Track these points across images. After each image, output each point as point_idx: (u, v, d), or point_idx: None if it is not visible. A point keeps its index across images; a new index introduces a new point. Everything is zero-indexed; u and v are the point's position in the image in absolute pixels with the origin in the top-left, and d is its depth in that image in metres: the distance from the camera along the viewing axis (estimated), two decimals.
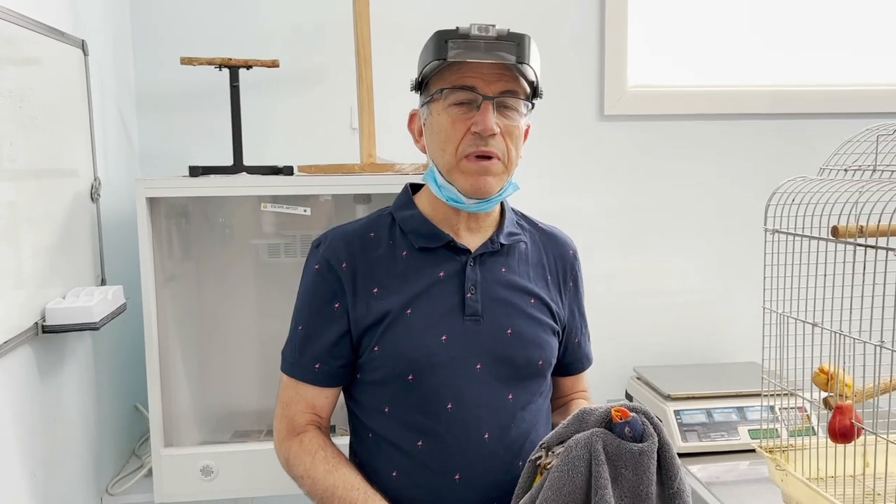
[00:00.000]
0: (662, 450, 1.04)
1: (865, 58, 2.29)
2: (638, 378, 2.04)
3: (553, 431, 1.10)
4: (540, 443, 1.11)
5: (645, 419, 1.04)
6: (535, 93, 1.20)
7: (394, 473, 1.19)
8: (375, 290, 1.19)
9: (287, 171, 1.73)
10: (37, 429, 1.40)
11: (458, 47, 1.12)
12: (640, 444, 1.02)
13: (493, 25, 1.12)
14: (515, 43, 1.12)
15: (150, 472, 1.71)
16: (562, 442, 1.06)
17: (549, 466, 1.05)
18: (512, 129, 1.16)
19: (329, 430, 1.28)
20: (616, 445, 1.01)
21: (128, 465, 1.85)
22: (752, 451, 1.39)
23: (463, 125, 1.14)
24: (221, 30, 2.02)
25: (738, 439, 1.75)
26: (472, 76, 1.14)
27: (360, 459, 1.25)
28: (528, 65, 1.13)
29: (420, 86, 1.21)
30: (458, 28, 1.12)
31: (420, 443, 1.17)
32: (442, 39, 1.13)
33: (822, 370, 1.24)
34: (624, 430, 1.02)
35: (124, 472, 1.81)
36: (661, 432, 1.04)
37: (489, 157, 1.15)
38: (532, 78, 1.16)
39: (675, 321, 2.25)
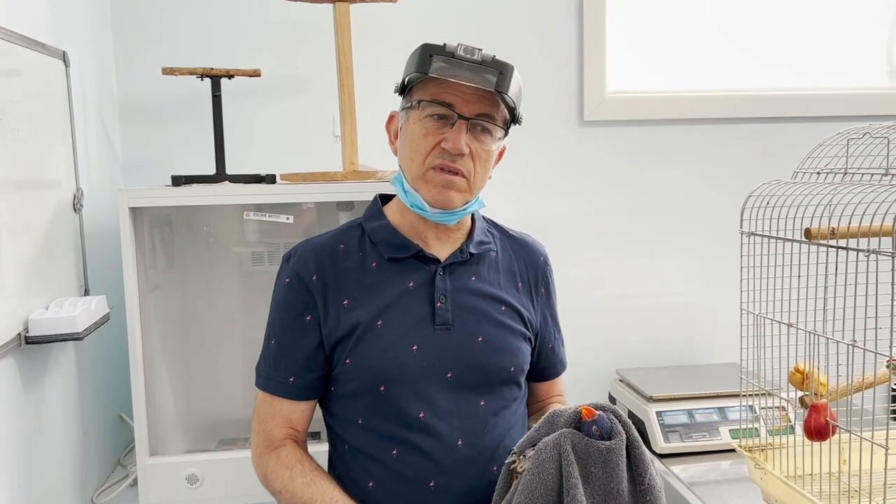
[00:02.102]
0: (632, 446, 1.05)
1: (836, 63, 2.33)
2: (621, 380, 2.05)
3: (525, 435, 1.12)
4: (513, 448, 1.12)
5: (613, 417, 1.05)
6: (513, 119, 1.21)
7: (370, 483, 1.19)
8: (346, 303, 1.20)
9: (269, 179, 1.74)
10: (21, 440, 1.40)
11: (441, 63, 1.13)
12: (607, 442, 1.03)
13: (480, 49, 1.13)
14: (498, 71, 1.13)
15: (135, 482, 1.71)
16: (534, 445, 1.07)
17: (521, 470, 1.06)
18: (481, 153, 1.18)
19: (306, 442, 1.28)
20: (584, 444, 1.03)
21: (113, 475, 1.85)
22: (733, 450, 1.41)
23: (434, 138, 1.16)
24: (203, 40, 2.03)
25: (719, 439, 1.77)
26: (453, 94, 1.15)
27: (338, 470, 1.25)
28: (507, 95, 1.14)
29: (403, 90, 1.22)
30: (444, 45, 1.14)
31: (394, 452, 1.18)
32: (427, 53, 1.14)
33: (797, 369, 1.26)
34: (592, 428, 1.04)
35: (109, 482, 1.80)
36: (629, 429, 1.06)
37: (455, 173, 1.17)
38: (511, 105, 1.17)
39: (656, 324, 2.28)
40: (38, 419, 1.48)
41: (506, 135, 1.23)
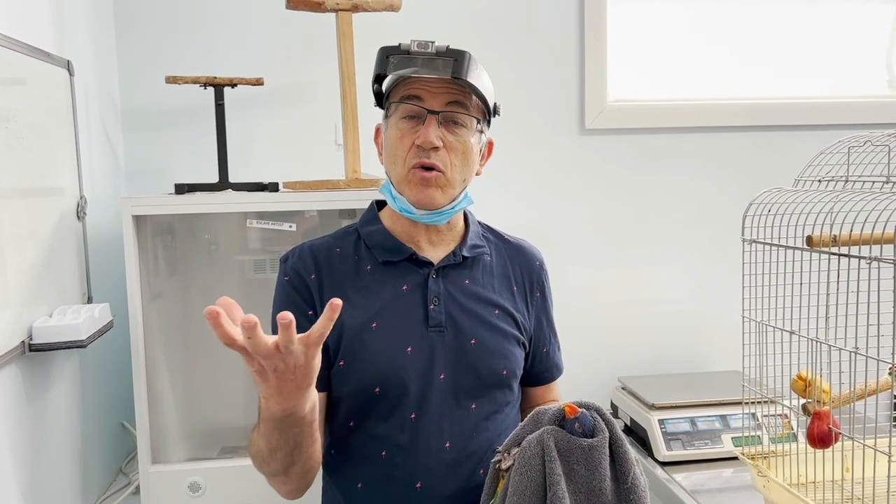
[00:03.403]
0: (615, 445, 1.05)
1: (837, 71, 2.34)
2: (623, 388, 2.05)
3: (511, 434, 1.12)
4: (499, 447, 1.12)
5: (596, 415, 1.06)
6: (489, 110, 1.23)
7: (359, 485, 1.20)
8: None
9: (272, 187, 1.75)
10: (24, 447, 1.40)
11: (397, 61, 1.16)
12: (589, 440, 1.03)
13: (433, 42, 1.16)
14: (453, 58, 1.15)
15: (137, 490, 1.71)
16: (518, 443, 1.08)
17: (506, 468, 1.07)
18: (456, 145, 1.19)
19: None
20: (567, 441, 1.03)
21: (115, 483, 1.85)
22: (736, 458, 1.41)
23: (409, 139, 1.18)
24: (206, 48, 2.04)
25: (721, 447, 1.77)
26: (419, 88, 1.18)
27: (330, 471, 1.26)
28: (464, 79, 1.15)
29: (381, 102, 1.25)
30: (399, 44, 1.17)
31: (384, 453, 1.19)
32: (384, 55, 1.18)
33: (799, 377, 1.26)
34: (574, 426, 1.04)
35: (111, 490, 1.80)
36: (613, 428, 1.06)
37: (432, 169, 1.18)
38: (479, 93, 1.18)
39: (658, 331, 2.28)
40: (41, 427, 1.48)
41: (488, 125, 1.25)
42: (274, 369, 0.92)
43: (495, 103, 1.24)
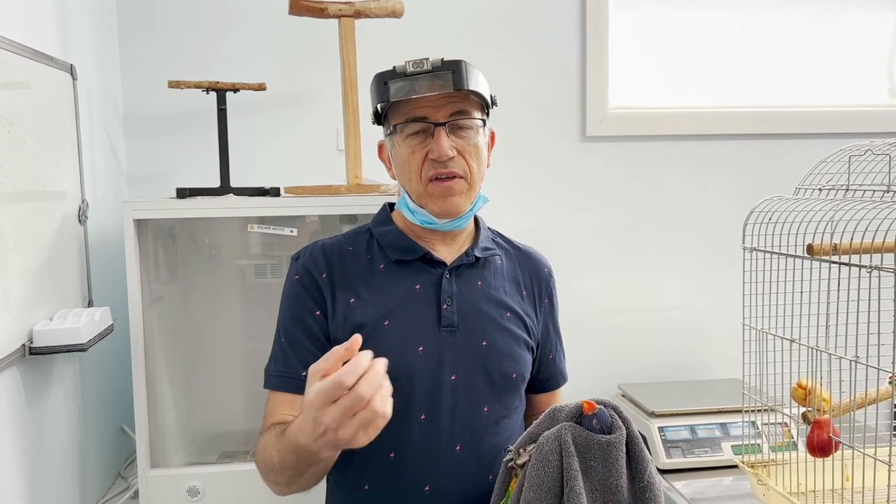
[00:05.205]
0: (632, 443, 1.05)
1: (838, 80, 2.34)
2: (623, 395, 2.05)
3: (525, 431, 1.11)
4: (511, 446, 1.12)
5: (613, 412, 1.06)
6: (488, 103, 1.24)
7: (366, 486, 1.19)
8: (352, 301, 1.21)
9: (274, 192, 1.75)
10: (23, 451, 1.40)
11: (397, 86, 1.16)
12: (607, 436, 1.03)
13: (427, 59, 1.16)
14: (451, 70, 1.15)
15: (136, 494, 1.71)
16: (534, 440, 1.07)
17: (521, 464, 1.06)
18: (469, 148, 1.20)
19: None
20: (585, 437, 1.02)
21: (114, 487, 1.84)
22: (736, 466, 1.41)
23: (421, 153, 1.19)
24: (209, 53, 2.05)
25: (721, 455, 1.76)
26: (422, 107, 1.18)
27: (334, 475, 1.25)
28: (466, 89, 1.16)
29: (380, 119, 1.26)
30: (394, 67, 1.17)
31: (392, 454, 1.18)
32: (382, 81, 1.18)
33: (800, 385, 1.26)
34: (592, 422, 1.03)
35: (110, 494, 1.80)
36: (629, 426, 1.05)
37: (451, 177, 1.19)
38: (481, 92, 1.19)
39: (658, 338, 2.28)
40: (40, 430, 1.48)
41: (488, 116, 1.25)
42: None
43: (492, 95, 1.24)
